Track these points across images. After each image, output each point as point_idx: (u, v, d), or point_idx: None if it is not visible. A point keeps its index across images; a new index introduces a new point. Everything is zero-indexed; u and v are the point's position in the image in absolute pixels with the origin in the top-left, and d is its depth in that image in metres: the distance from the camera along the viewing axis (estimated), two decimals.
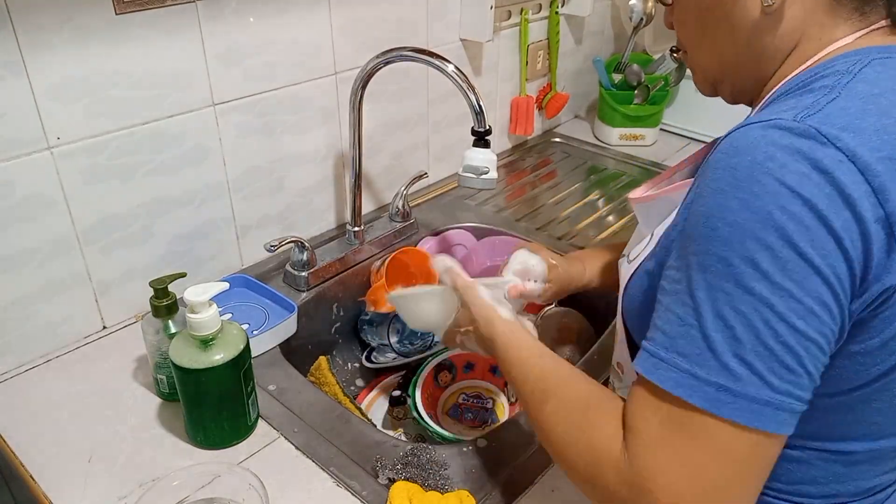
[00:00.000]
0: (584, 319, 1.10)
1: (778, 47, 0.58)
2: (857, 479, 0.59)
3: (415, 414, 0.90)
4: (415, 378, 0.96)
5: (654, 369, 0.50)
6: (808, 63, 0.56)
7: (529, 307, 1.07)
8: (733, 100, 0.66)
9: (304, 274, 1.04)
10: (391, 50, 0.95)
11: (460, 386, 1.03)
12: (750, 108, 0.64)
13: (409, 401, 0.93)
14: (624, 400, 0.55)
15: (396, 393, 1.01)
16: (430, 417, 0.91)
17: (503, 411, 1.00)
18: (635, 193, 0.70)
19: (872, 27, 0.55)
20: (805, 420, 0.51)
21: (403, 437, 0.98)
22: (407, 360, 1.07)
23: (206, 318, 0.72)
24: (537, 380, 0.62)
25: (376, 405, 1.08)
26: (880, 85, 0.51)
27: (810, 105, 0.49)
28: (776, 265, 0.46)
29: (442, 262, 0.78)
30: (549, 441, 0.59)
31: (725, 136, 0.52)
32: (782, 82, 0.58)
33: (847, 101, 0.50)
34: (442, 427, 0.90)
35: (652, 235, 0.65)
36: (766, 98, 0.59)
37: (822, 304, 0.46)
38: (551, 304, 1.10)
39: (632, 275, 0.64)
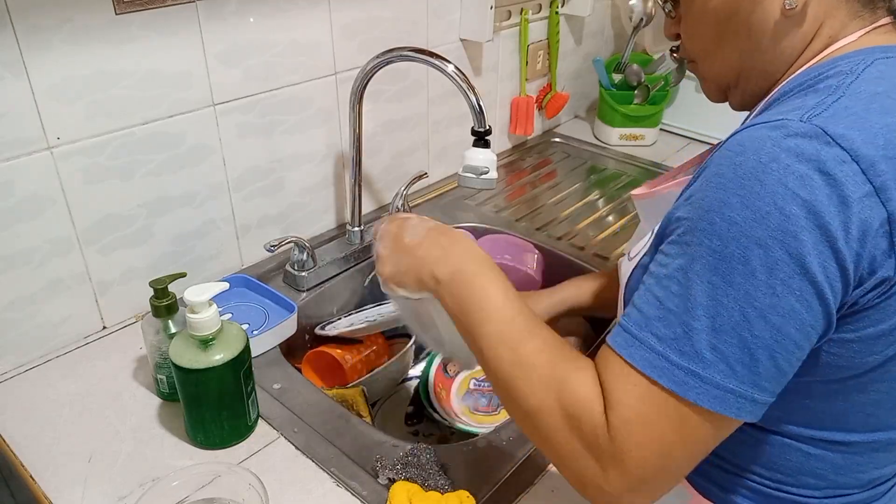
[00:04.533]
0: (584, 321, 1.10)
1: (794, 47, 0.58)
2: (858, 471, 0.60)
3: (437, 417, 0.90)
4: (424, 373, 0.97)
5: (627, 346, 0.51)
6: (813, 61, 0.57)
7: None
8: (741, 106, 0.65)
9: (304, 274, 1.04)
10: (391, 50, 0.95)
11: (470, 372, 1.03)
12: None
13: (426, 409, 0.94)
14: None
15: (410, 409, 1.02)
16: (450, 414, 0.92)
17: None
18: (638, 191, 0.70)
19: (876, 24, 0.56)
20: (802, 408, 0.54)
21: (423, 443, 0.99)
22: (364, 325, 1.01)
23: (206, 318, 0.72)
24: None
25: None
26: (883, 84, 0.51)
27: (816, 105, 0.50)
28: (765, 264, 0.47)
29: None
30: (510, 387, 0.57)
31: (732, 134, 0.52)
32: (785, 81, 0.58)
33: (851, 100, 0.50)
34: (462, 422, 0.90)
35: (653, 233, 0.65)
36: (769, 97, 0.59)
37: (804, 303, 0.47)
38: None
39: (632, 272, 0.64)
